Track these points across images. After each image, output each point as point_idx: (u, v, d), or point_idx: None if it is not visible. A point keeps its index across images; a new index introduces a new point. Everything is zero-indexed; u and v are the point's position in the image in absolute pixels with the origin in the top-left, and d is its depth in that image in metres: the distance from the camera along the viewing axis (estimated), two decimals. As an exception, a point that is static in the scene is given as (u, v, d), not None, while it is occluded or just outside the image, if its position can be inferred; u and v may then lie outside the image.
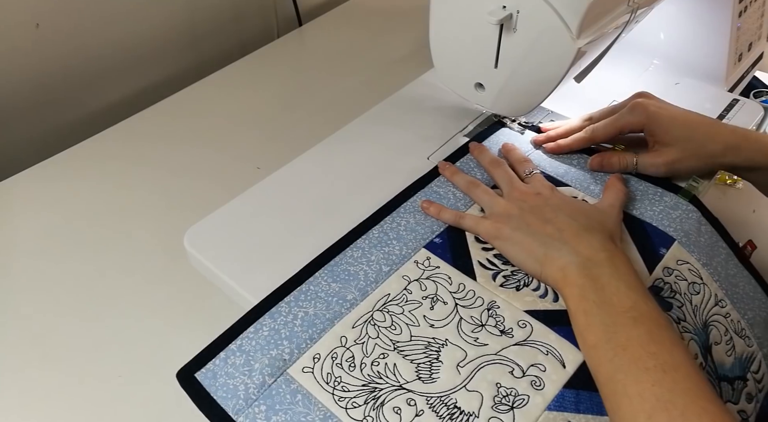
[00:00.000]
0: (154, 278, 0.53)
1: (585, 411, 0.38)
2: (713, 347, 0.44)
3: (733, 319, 0.46)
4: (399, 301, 0.45)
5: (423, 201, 0.50)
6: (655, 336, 0.37)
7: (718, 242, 0.50)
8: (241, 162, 0.62)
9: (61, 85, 0.71)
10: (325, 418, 0.38)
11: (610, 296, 0.40)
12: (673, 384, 0.35)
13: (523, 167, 0.53)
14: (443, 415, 0.38)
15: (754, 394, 0.44)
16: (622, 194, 0.50)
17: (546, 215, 0.47)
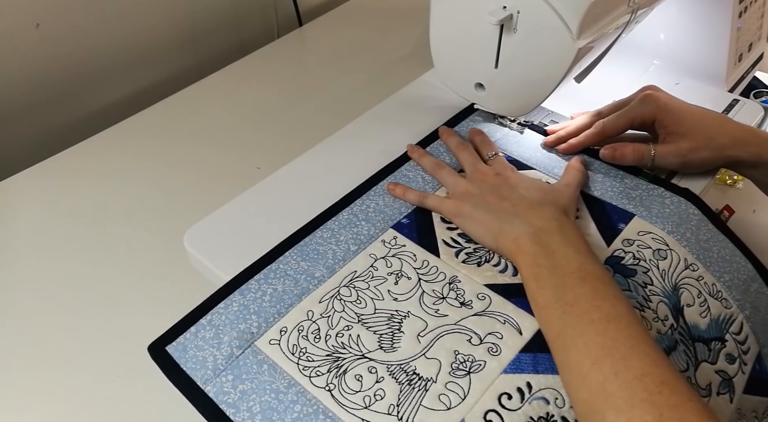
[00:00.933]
0: (154, 278, 0.53)
1: (544, 372, 0.40)
2: (685, 308, 0.45)
3: (706, 282, 0.47)
4: (365, 277, 0.47)
5: (389, 183, 0.53)
6: (600, 292, 0.40)
7: (689, 209, 0.52)
8: (241, 162, 0.62)
9: (61, 85, 0.72)
10: (288, 386, 0.40)
11: (559, 261, 0.42)
12: (616, 333, 0.37)
13: (486, 150, 0.55)
14: (402, 381, 0.40)
15: (736, 355, 0.45)
16: (580, 175, 0.52)
17: (503, 192, 0.49)
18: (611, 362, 0.36)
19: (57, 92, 0.72)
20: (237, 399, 0.40)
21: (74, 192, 0.60)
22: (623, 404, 0.34)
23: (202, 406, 0.40)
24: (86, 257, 0.53)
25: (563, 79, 0.51)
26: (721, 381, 0.43)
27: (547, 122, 0.62)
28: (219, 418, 0.40)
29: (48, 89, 0.71)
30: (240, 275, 0.47)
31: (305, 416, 0.39)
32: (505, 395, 0.40)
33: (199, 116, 0.69)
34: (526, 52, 0.50)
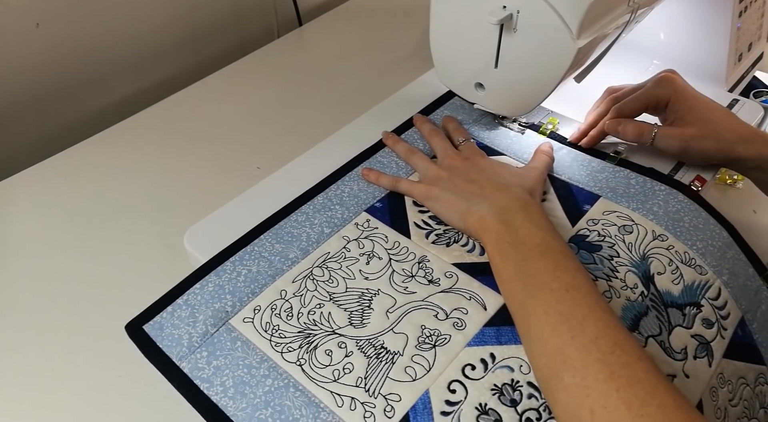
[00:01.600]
0: (154, 278, 0.53)
1: (507, 342, 0.43)
2: (656, 276, 0.47)
3: (678, 250, 0.49)
4: (338, 258, 0.49)
5: (363, 169, 0.55)
6: (560, 264, 0.41)
7: (655, 187, 0.54)
8: (241, 162, 0.62)
9: (61, 85, 0.72)
10: (261, 361, 0.42)
11: (522, 237, 0.44)
12: (574, 301, 0.39)
13: (458, 136, 0.57)
14: (370, 355, 0.43)
15: (713, 320, 0.46)
16: (548, 158, 0.55)
17: (471, 175, 0.51)
18: (569, 327, 0.37)
19: (57, 92, 0.72)
20: (211, 374, 0.42)
21: (74, 192, 0.60)
22: (579, 364, 0.35)
23: (177, 382, 0.42)
24: (86, 256, 0.54)
25: (563, 79, 0.51)
26: (698, 345, 0.45)
27: (547, 122, 0.62)
28: (193, 393, 0.41)
29: (48, 89, 0.71)
30: (216, 257, 0.49)
31: (276, 389, 0.41)
32: (468, 366, 0.42)
33: (199, 116, 0.69)
34: (526, 52, 0.51)
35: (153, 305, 0.46)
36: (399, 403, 0.40)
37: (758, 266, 0.51)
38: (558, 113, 0.65)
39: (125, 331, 0.45)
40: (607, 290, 0.46)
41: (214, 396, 0.41)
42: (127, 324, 0.46)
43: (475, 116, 0.63)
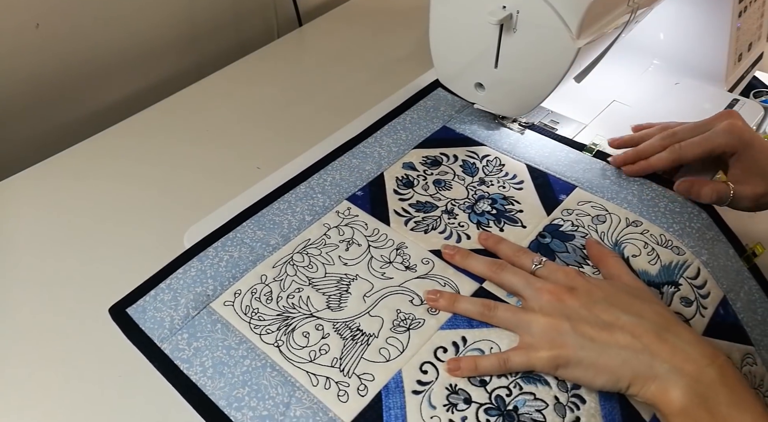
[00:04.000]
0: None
1: (478, 326, 0.44)
2: (631, 259, 0.49)
3: (653, 234, 0.50)
4: (318, 244, 0.51)
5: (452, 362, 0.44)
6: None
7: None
8: (241, 162, 0.62)
9: (61, 85, 0.72)
10: (240, 343, 0.45)
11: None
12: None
13: (528, 260, 0.46)
14: (346, 336, 0.45)
15: (692, 298, 0.47)
16: (620, 258, 0.48)
17: (602, 317, 0.40)
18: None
19: (57, 92, 0.73)
20: (191, 355, 0.44)
21: (74, 192, 0.60)
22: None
23: (158, 362, 0.44)
24: (86, 256, 0.54)
25: (563, 79, 0.51)
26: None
27: (547, 122, 0.63)
28: (173, 373, 0.44)
29: (48, 89, 0.72)
30: (199, 244, 0.51)
31: (254, 369, 0.43)
32: (440, 348, 0.44)
33: (199, 116, 0.69)
34: (526, 52, 0.51)
35: (136, 289, 0.49)
36: (372, 382, 0.42)
37: (738, 248, 0.53)
38: (558, 113, 0.65)
39: (108, 314, 0.47)
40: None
41: (194, 375, 0.43)
42: (111, 307, 0.48)
43: (457, 106, 0.65)
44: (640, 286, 0.44)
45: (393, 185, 0.56)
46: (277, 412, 0.41)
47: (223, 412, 0.41)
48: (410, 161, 0.59)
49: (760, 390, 0.46)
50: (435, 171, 0.58)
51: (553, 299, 0.42)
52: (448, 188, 0.56)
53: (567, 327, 0.41)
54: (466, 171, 0.58)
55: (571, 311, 0.41)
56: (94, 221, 0.58)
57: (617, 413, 0.41)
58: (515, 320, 0.43)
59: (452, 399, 0.41)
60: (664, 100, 0.68)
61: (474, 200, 0.55)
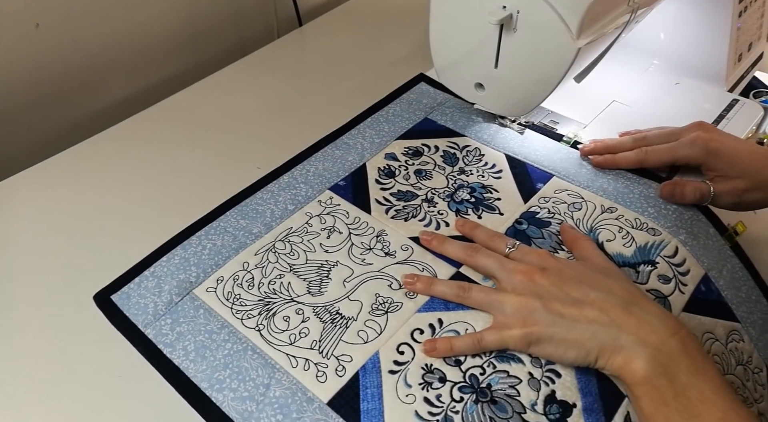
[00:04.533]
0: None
1: (454, 309, 0.46)
2: (606, 243, 0.51)
3: (628, 218, 0.52)
4: (300, 233, 0.53)
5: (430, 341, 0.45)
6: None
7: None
8: (240, 162, 0.62)
9: (61, 85, 0.73)
10: (221, 327, 0.46)
11: (694, 402, 0.36)
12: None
13: (502, 243, 0.48)
14: (326, 320, 0.46)
15: (671, 276, 0.49)
16: (592, 242, 0.50)
17: (572, 294, 0.42)
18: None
19: (57, 92, 0.73)
20: (174, 339, 0.46)
21: (74, 192, 0.60)
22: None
23: (142, 346, 0.46)
24: (86, 256, 0.54)
25: (563, 79, 0.51)
26: (654, 298, 0.47)
27: (547, 122, 0.63)
28: (157, 357, 0.45)
29: (48, 89, 0.72)
30: (182, 232, 0.53)
31: (235, 353, 0.45)
32: (417, 330, 0.46)
33: (199, 116, 0.69)
34: (526, 52, 0.51)
35: (121, 277, 0.50)
36: (350, 363, 0.44)
37: (720, 227, 0.54)
38: (558, 113, 0.65)
39: (93, 301, 0.49)
40: None
41: (176, 359, 0.45)
42: (95, 295, 0.49)
43: (439, 99, 0.66)
44: (610, 266, 0.46)
45: (375, 175, 0.58)
46: (257, 393, 0.43)
47: (205, 394, 0.43)
48: (392, 152, 0.61)
49: (749, 366, 0.48)
50: (416, 161, 0.59)
51: (525, 279, 0.44)
52: (429, 178, 0.58)
53: (538, 304, 0.42)
54: (447, 161, 0.59)
55: (542, 289, 0.43)
56: (94, 220, 0.58)
57: (594, 385, 0.42)
58: (488, 300, 0.45)
59: (427, 378, 0.43)
60: (664, 101, 0.68)
61: (454, 189, 0.56)
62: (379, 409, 0.41)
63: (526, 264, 0.45)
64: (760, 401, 0.47)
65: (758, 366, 0.49)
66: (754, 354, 0.49)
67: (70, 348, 0.47)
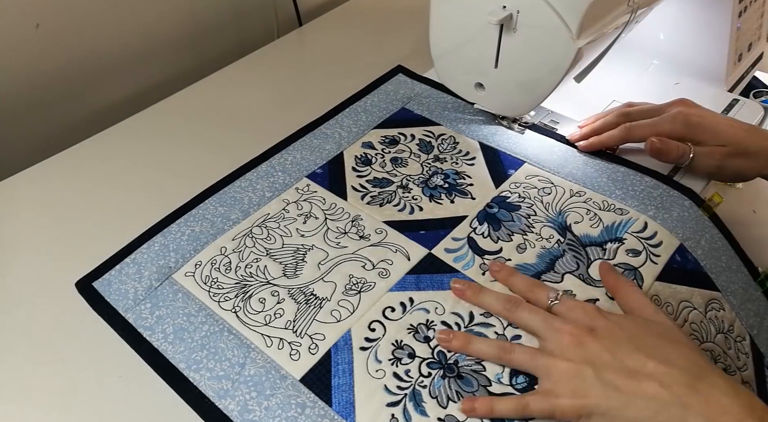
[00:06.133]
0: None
1: (425, 288, 0.49)
2: (573, 225, 0.53)
3: (595, 201, 0.55)
4: (277, 218, 0.55)
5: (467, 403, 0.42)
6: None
7: (576, 153, 0.60)
8: (241, 162, 0.62)
9: (61, 85, 0.73)
10: (199, 310, 0.48)
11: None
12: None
13: (544, 294, 0.45)
14: (300, 301, 0.48)
15: (640, 249, 0.51)
16: (638, 287, 0.46)
17: (627, 363, 0.38)
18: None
19: (57, 92, 0.74)
20: (153, 323, 0.48)
21: (74, 192, 0.61)
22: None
23: (123, 331, 0.48)
24: (86, 257, 0.54)
25: (563, 79, 0.51)
26: (623, 271, 0.49)
27: (547, 122, 0.63)
28: (137, 341, 0.47)
29: (48, 89, 0.73)
30: (162, 221, 0.55)
31: (212, 334, 0.47)
32: (389, 308, 0.48)
33: (199, 116, 0.70)
34: (526, 52, 0.51)
35: (102, 264, 0.53)
36: (323, 341, 0.46)
37: (696, 199, 0.55)
38: (558, 113, 0.65)
39: (75, 288, 0.51)
40: (522, 243, 0.52)
41: (156, 342, 0.47)
42: (77, 281, 0.51)
43: (417, 89, 0.69)
44: (665, 321, 0.42)
45: (352, 162, 0.61)
46: (232, 372, 0.45)
47: (183, 374, 0.45)
48: (369, 141, 0.63)
49: (730, 335, 0.50)
50: (392, 149, 0.62)
51: (573, 341, 0.40)
52: (405, 165, 0.60)
53: (590, 373, 0.38)
54: (422, 149, 0.62)
55: (592, 355, 0.39)
56: (94, 221, 0.58)
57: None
58: (534, 364, 0.41)
59: (397, 354, 0.45)
60: (663, 101, 0.68)
61: (428, 175, 0.59)
62: (349, 384, 0.43)
63: (573, 324, 0.42)
64: (744, 369, 0.49)
65: (740, 334, 0.50)
66: (735, 323, 0.50)
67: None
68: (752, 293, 0.52)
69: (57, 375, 0.47)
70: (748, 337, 0.50)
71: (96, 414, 0.44)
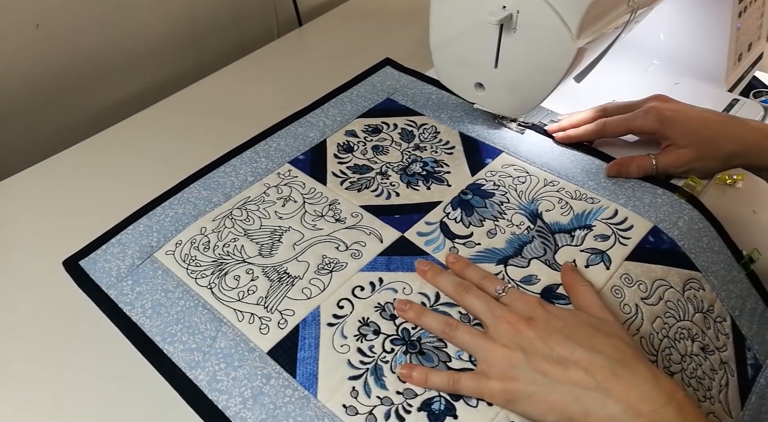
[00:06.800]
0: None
1: (395, 270, 0.51)
2: (544, 213, 0.55)
3: (568, 190, 0.57)
4: (257, 201, 0.57)
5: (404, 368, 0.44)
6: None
7: (552, 144, 0.62)
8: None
9: (61, 85, 0.74)
10: (176, 286, 0.51)
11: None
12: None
13: (492, 286, 0.47)
14: (273, 279, 0.51)
15: (609, 234, 0.53)
16: (591, 287, 0.47)
17: (557, 350, 0.40)
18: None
19: (57, 92, 0.74)
20: (133, 298, 0.51)
21: (74, 192, 0.61)
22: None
23: (104, 305, 0.51)
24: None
25: (563, 79, 0.51)
26: (590, 255, 0.51)
27: (546, 122, 0.63)
28: (117, 315, 0.50)
29: (48, 89, 0.73)
30: (148, 204, 0.58)
31: (187, 309, 0.49)
32: (358, 287, 0.50)
33: (199, 116, 0.70)
34: (526, 52, 0.52)
35: (89, 245, 0.55)
36: (292, 317, 0.48)
37: (670, 187, 0.57)
38: (558, 113, 0.65)
39: (63, 266, 0.54)
40: (492, 228, 0.54)
41: (134, 316, 0.50)
42: (64, 261, 0.54)
43: (403, 81, 0.71)
44: (607, 318, 0.44)
45: (334, 150, 0.63)
46: (204, 344, 0.47)
47: (158, 346, 0.48)
48: (352, 129, 0.66)
49: (709, 315, 0.51)
50: (375, 138, 0.64)
51: (510, 328, 0.42)
52: (385, 153, 0.63)
53: (521, 358, 0.41)
54: (404, 138, 0.64)
55: (526, 342, 0.41)
56: (94, 221, 0.58)
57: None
58: (473, 345, 0.44)
59: (363, 331, 0.47)
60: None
61: (407, 163, 0.61)
62: (314, 357, 0.45)
63: (514, 312, 0.44)
64: (723, 349, 0.50)
65: (721, 315, 0.51)
66: (716, 303, 0.51)
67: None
68: (735, 274, 0.53)
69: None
70: (729, 318, 0.51)
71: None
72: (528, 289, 0.49)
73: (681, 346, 0.47)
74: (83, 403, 0.46)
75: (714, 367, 0.48)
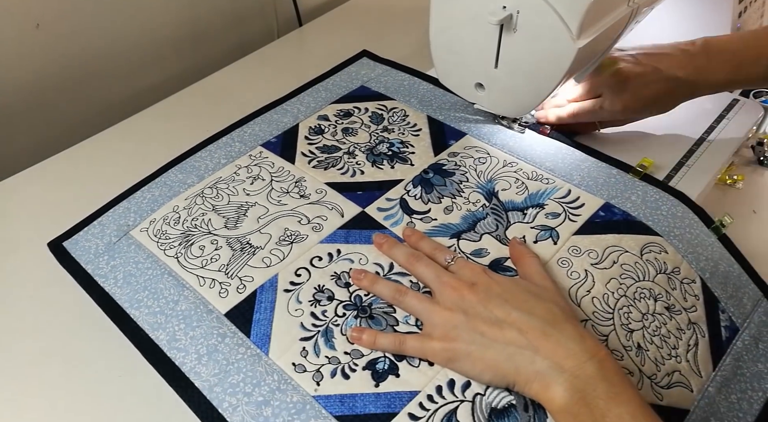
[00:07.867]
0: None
1: (354, 242, 0.53)
2: (500, 192, 0.58)
3: (525, 171, 0.60)
4: (228, 181, 0.61)
5: (355, 329, 0.47)
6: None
7: (514, 127, 0.64)
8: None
9: (61, 85, 0.74)
10: (147, 258, 0.55)
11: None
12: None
13: (442, 256, 0.51)
14: (236, 248, 0.54)
15: (560, 212, 0.55)
16: (537, 258, 0.51)
17: (495, 313, 0.44)
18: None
19: (57, 92, 0.75)
20: (108, 271, 0.55)
21: (74, 192, 0.61)
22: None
23: (81, 279, 0.54)
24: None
25: (563, 79, 0.51)
26: (539, 231, 0.54)
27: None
28: (92, 286, 0.53)
29: (48, 89, 0.74)
30: (128, 190, 0.61)
31: (154, 277, 0.53)
32: (316, 257, 0.53)
33: (199, 117, 0.71)
34: (526, 52, 0.52)
35: (73, 227, 0.59)
36: (251, 283, 0.51)
37: (626, 168, 0.59)
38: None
39: (47, 247, 0.57)
40: (449, 205, 0.57)
41: (107, 286, 0.53)
42: (49, 242, 0.58)
43: (378, 70, 0.73)
44: (546, 285, 0.48)
45: (305, 132, 0.67)
46: (167, 308, 0.51)
47: (126, 312, 0.52)
48: (325, 114, 0.69)
49: (674, 276, 0.52)
50: (345, 121, 0.68)
51: (454, 293, 0.46)
52: (354, 134, 0.66)
53: (462, 320, 0.44)
54: (373, 121, 0.67)
55: (468, 306, 0.45)
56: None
57: None
58: (420, 308, 0.47)
59: (317, 297, 0.50)
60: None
61: (375, 143, 0.64)
62: (269, 319, 0.48)
63: (458, 279, 0.47)
64: (692, 310, 0.51)
65: (688, 276, 0.53)
66: (682, 265, 0.53)
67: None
68: (704, 238, 0.54)
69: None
70: (699, 280, 0.52)
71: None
72: (478, 261, 0.52)
73: (642, 305, 0.49)
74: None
75: (681, 327, 0.49)
